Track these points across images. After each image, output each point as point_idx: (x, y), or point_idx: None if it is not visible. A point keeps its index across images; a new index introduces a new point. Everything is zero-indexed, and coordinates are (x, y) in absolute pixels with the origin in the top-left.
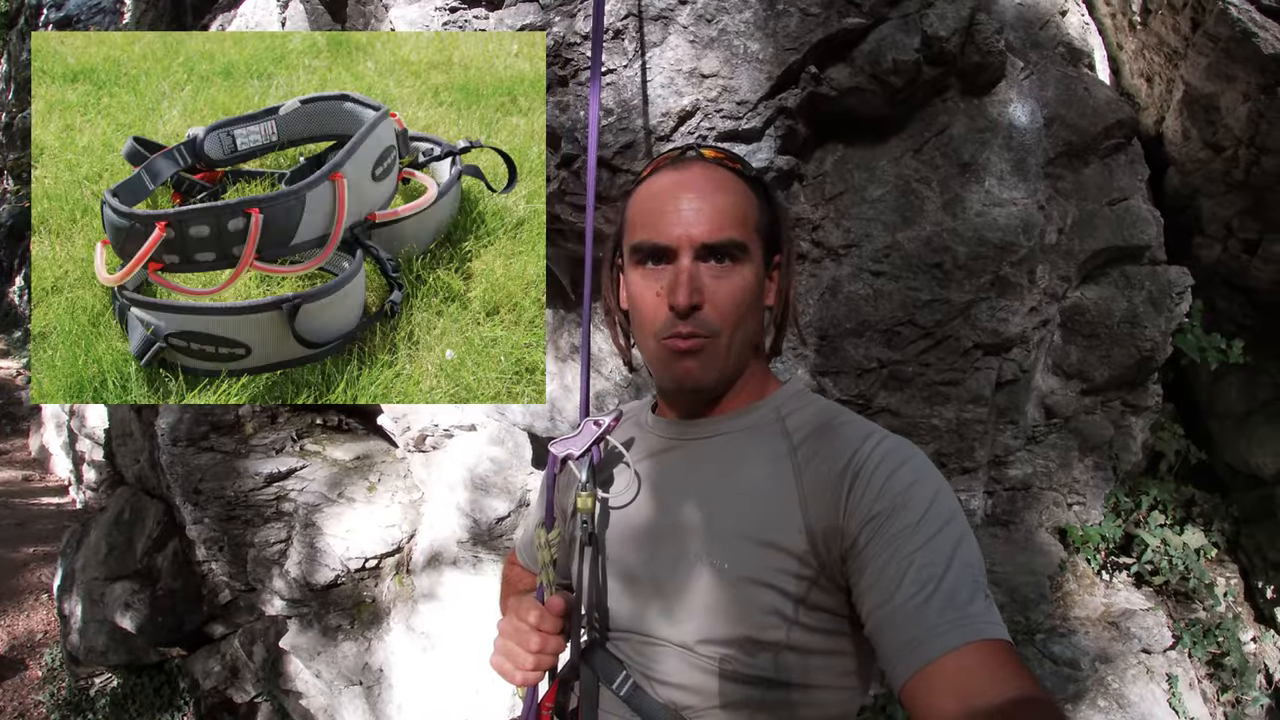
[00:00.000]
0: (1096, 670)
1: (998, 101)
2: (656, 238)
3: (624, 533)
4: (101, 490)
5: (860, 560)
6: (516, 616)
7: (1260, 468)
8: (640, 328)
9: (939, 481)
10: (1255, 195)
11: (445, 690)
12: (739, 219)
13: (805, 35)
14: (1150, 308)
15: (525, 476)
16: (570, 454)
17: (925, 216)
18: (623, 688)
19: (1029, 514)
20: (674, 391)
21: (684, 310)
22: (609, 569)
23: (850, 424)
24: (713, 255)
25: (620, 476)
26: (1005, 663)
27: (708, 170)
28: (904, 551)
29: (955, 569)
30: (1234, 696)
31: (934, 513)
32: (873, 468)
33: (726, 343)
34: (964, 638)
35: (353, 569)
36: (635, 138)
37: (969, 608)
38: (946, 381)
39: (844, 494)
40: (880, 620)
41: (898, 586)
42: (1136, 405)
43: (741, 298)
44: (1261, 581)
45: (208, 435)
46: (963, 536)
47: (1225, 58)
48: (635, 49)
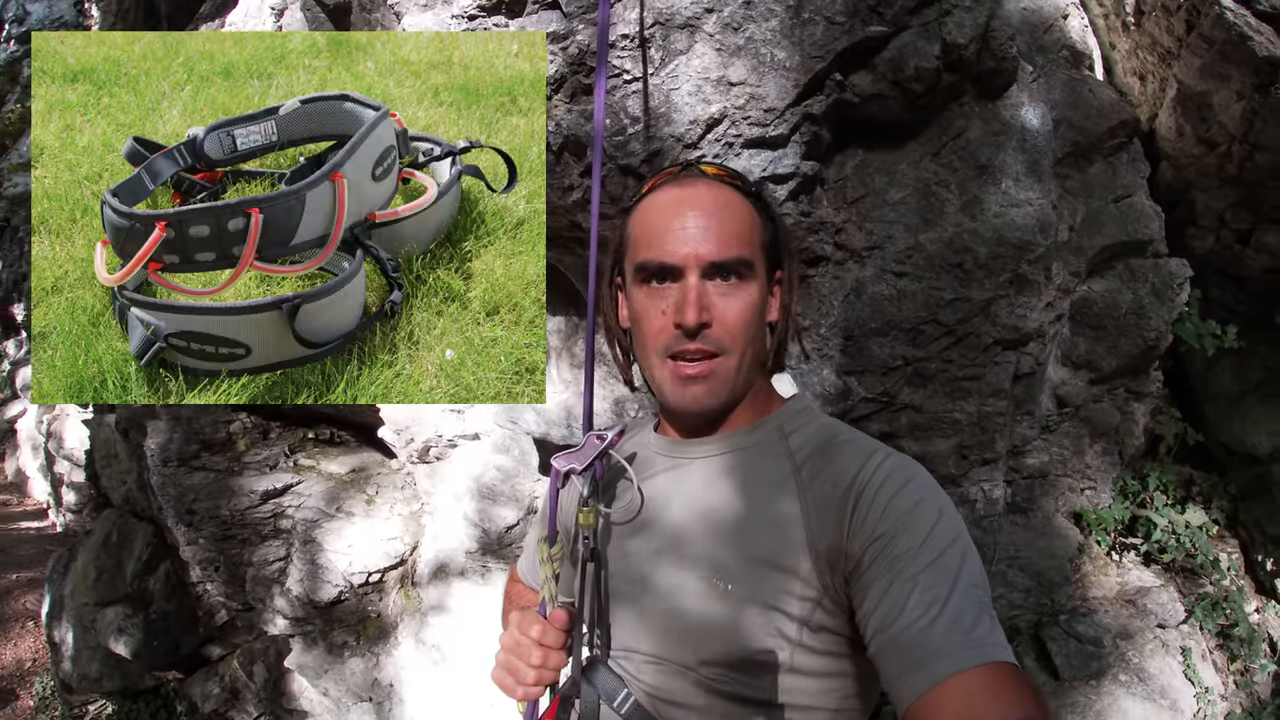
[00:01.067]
0: (1118, 647)
1: (1010, 105)
2: (663, 256)
3: (626, 550)
4: (85, 513)
5: (864, 581)
6: (519, 630)
7: (1255, 446)
8: (643, 346)
9: (942, 500)
10: (1248, 189)
11: (459, 703)
12: (744, 236)
13: (830, 43)
14: (1154, 299)
15: (533, 484)
16: (573, 468)
17: (946, 218)
18: (624, 706)
19: (1046, 500)
20: (680, 414)
21: (693, 329)
22: (611, 586)
23: (852, 442)
24: (719, 273)
25: (623, 492)
26: (1010, 685)
27: (711, 187)
28: (908, 573)
29: (960, 590)
30: (1243, 665)
31: (938, 533)
32: (876, 488)
33: (736, 362)
34: (969, 661)
35: (356, 584)
36: (663, 145)
37: (974, 631)
38: (968, 377)
39: (848, 515)
40: (885, 643)
41: (903, 608)
42: (1139, 392)
43: (750, 315)
44: (1261, 555)
45: (199, 454)
46: (967, 556)
47: (1220, 58)
48: (662, 57)
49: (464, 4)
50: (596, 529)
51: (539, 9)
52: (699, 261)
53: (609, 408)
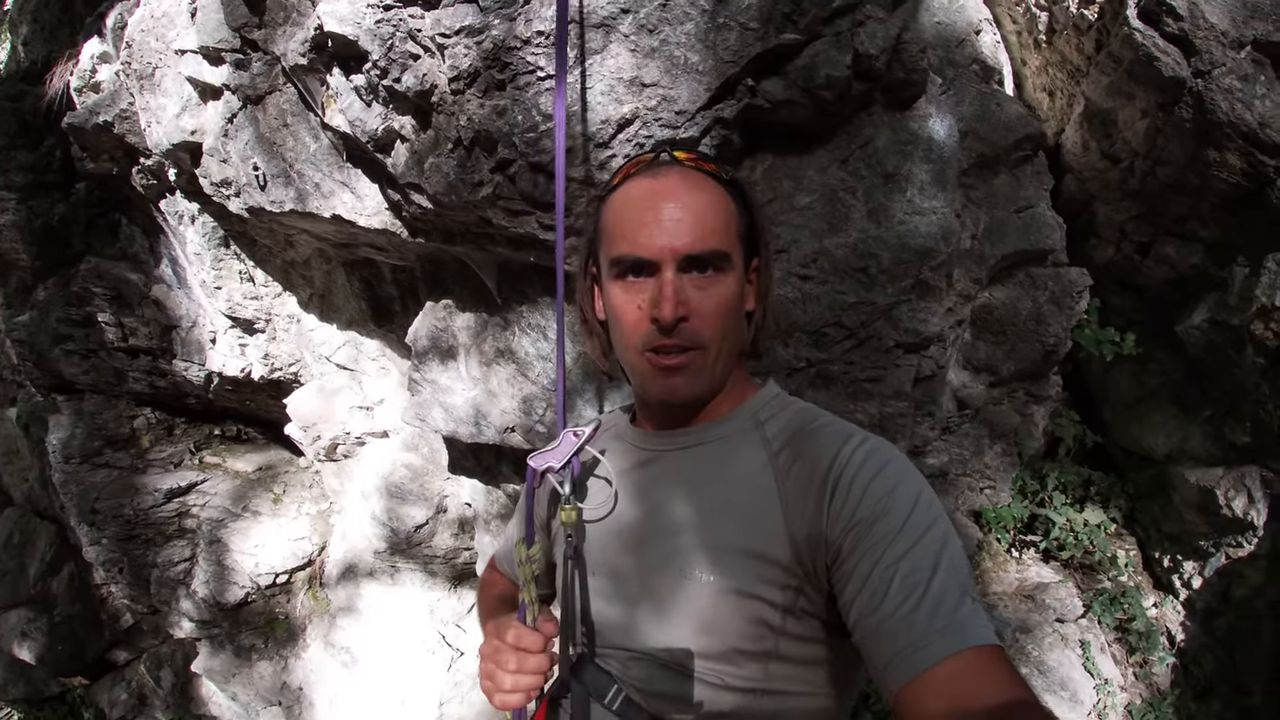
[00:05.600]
0: (1018, 640)
1: (918, 116)
2: (638, 251)
3: (607, 546)
4: None
5: (845, 568)
6: (495, 637)
7: (1153, 449)
8: (621, 340)
9: (920, 483)
10: (1149, 202)
11: (369, 704)
12: (720, 227)
13: (744, 49)
14: (1054, 306)
15: (442, 482)
16: (550, 466)
17: (851, 224)
18: (614, 702)
19: (946, 499)
20: (659, 405)
21: (670, 325)
22: (593, 582)
23: (828, 427)
24: (696, 266)
25: (600, 488)
26: (994, 668)
27: (685, 177)
28: (889, 558)
29: (942, 574)
30: (1141, 658)
31: (917, 517)
32: (853, 473)
33: (715, 354)
34: (953, 645)
35: (263, 585)
36: (574, 143)
37: (956, 613)
38: (870, 379)
39: (826, 501)
40: (868, 629)
41: (885, 594)
42: (1039, 395)
43: (727, 308)
44: (1158, 552)
45: (102, 451)
46: (947, 539)
47: (1127, 77)
48: (576, 55)
49: None
50: (579, 526)
51: (455, 2)
52: (674, 255)
53: (517, 405)
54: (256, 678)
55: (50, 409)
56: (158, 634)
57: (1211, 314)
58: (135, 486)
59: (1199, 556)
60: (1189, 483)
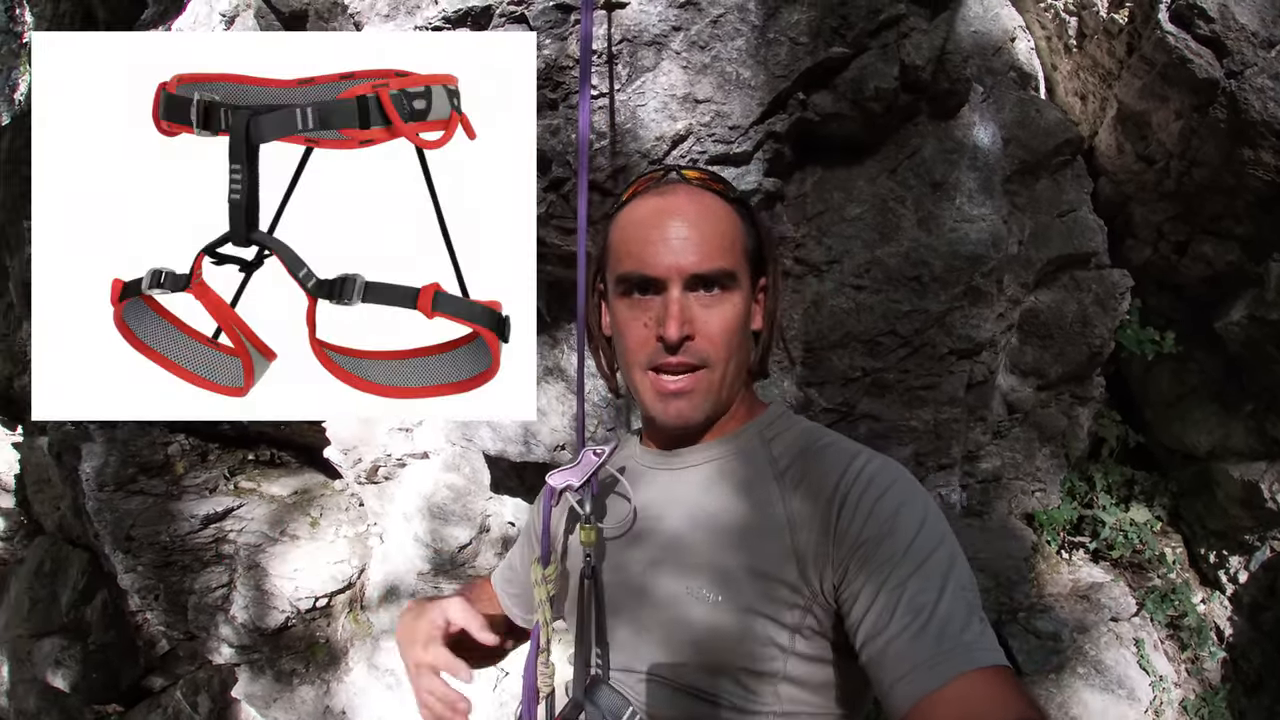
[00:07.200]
0: (1075, 640)
1: (963, 125)
2: (644, 269)
3: (617, 566)
4: (16, 540)
5: (852, 589)
6: (432, 668)
7: (1195, 446)
8: (626, 358)
9: (926, 502)
10: (1185, 202)
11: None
12: (727, 246)
13: (794, 63)
14: (1098, 308)
15: (485, 502)
16: (570, 484)
17: (902, 233)
18: None
19: (999, 503)
20: (662, 427)
21: (675, 343)
22: (607, 602)
23: (833, 445)
24: (702, 285)
25: (615, 506)
26: (1001, 688)
27: (693, 195)
28: (895, 579)
29: (949, 594)
30: (1193, 654)
31: (924, 537)
32: (859, 493)
33: (720, 374)
34: (960, 667)
35: (303, 609)
36: (629, 160)
37: (963, 635)
38: (924, 386)
39: (832, 521)
40: (875, 652)
41: (891, 616)
42: (1083, 396)
43: (733, 327)
44: (1203, 548)
45: (136, 478)
46: (954, 559)
47: (1160, 80)
48: (629, 73)
49: (428, 15)
50: (599, 546)
51: (505, 22)
52: (681, 273)
53: (567, 424)
54: (298, 702)
55: (82, 437)
56: (194, 660)
57: (1250, 310)
58: (171, 513)
59: (1244, 551)
60: (1232, 478)
